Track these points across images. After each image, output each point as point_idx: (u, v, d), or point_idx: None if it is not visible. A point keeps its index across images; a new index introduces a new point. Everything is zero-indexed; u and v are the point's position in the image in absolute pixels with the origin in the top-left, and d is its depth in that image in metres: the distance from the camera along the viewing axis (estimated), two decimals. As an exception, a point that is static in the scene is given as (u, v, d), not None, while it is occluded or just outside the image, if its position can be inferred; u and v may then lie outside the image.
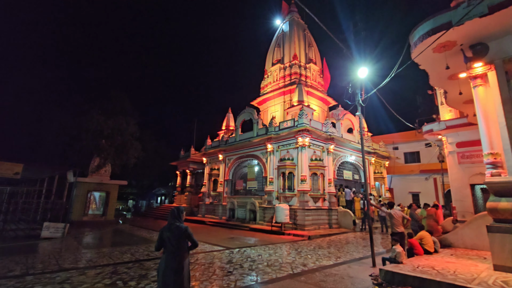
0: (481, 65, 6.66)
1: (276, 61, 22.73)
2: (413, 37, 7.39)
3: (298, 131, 15.57)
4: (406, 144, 26.41)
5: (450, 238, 8.81)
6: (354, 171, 19.76)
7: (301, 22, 24.12)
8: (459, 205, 13.73)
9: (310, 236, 12.25)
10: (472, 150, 13.10)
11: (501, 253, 5.64)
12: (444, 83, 8.99)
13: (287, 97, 20.87)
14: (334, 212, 15.69)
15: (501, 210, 5.77)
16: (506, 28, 6.25)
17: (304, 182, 14.98)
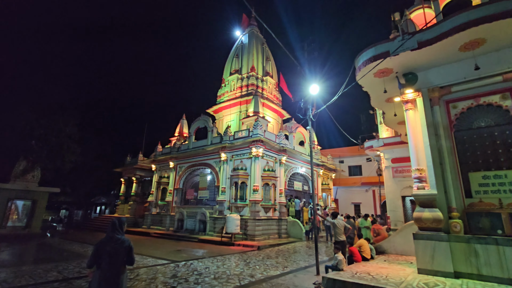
0: (411, 91, 7.63)
1: (234, 71, 22.95)
2: (358, 61, 8.16)
3: (253, 142, 15.78)
4: (350, 158, 28.66)
5: (384, 245, 9.67)
6: (304, 182, 20.65)
7: (260, 36, 24.93)
8: (392, 214, 15.24)
9: (260, 246, 12.30)
10: (404, 165, 14.78)
11: (424, 257, 6.37)
12: (382, 104, 10.05)
13: (243, 107, 21.11)
14: (283, 222, 16.08)
15: (424, 220, 6.54)
16: (431, 61, 7.30)
17: (256, 192, 15.11)
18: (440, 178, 6.81)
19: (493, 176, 6.34)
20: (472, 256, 5.98)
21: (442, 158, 6.94)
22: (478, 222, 6.29)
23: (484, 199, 6.35)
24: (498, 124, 6.58)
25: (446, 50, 6.79)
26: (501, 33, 6.10)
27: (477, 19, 5.99)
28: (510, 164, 6.24)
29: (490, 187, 6.34)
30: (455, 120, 7.12)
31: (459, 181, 6.71)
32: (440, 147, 7.03)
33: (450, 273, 5.98)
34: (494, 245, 5.81)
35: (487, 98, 6.77)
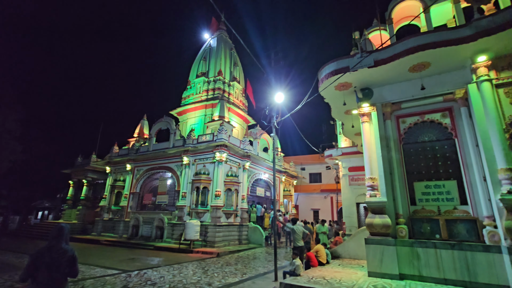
0: (367, 105, 8.20)
1: (201, 74, 22.60)
2: (321, 74, 8.56)
3: (217, 146, 15.58)
4: (311, 166, 29.79)
5: (339, 250, 10.13)
6: (266, 188, 20.88)
7: (229, 41, 24.98)
8: (347, 220, 16.09)
9: (219, 253, 12.07)
10: (359, 174, 15.78)
11: (374, 261, 6.79)
12: (341, 116, 10.64)
13: (208, 111, 20.81)
14: (244, 228, 16.03)
15: (375, 225, 7.00)
16: (385, 79, 7.95)
17: (219, 198, 14.88)
18: (390, 186, 7.38)
19: (433, 186, 7.05)
20: (415, 258, 6.53)
21: (392, 168, 7.54)
22: (420, 228, 6.91)
23: (426, 206, 7.01)
24: (438, 139, 7.36)
25: (398, 69, 7.46)
26: (442, 58, 6.88)
27: (424, 44, 6.69)
28: (447, 175, 7.00)
29: (431, 195, 7.03)
30: (403, 134, 7.80)
31: (406, 189, 7.34)
32: (390, 158, 7.64)
33: (396, 275, 6.46)
34: (432, 248, 6.42)
35: (430, 115, 7.54)
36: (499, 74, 6.57)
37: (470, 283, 5.90)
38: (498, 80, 6.51)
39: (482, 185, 6.36)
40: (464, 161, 6.82)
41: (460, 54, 6.69)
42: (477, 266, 5.92)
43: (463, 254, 6.11)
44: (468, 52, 6.58)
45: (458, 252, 6.16)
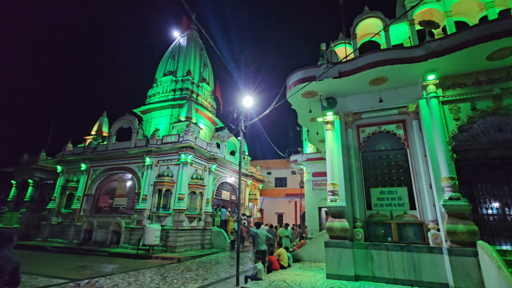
0: (331, 114, 8.59)
1: (169, 73, 21.87)
2: (289, 81, 8.79)
3: (182, 148, 15.14)
4: (277, 170, 30.29)
5: (300, 253, 10.38)
6: (232, 191, 20.75)
7: (200, 41, 24.56)
8: (310, 224, 16.59)
9: (180, 258, 11.66)
10: (322, 179, 16.38)
11: (332, 263, 7.07)
12: (307, 123, 11.01)
13: (175, 111, 20.16)
14: (208, 232, 15.71)
15: (335, 229, 7.31)
16: (348, 90, 8.40)
17: (182, 201, 14.41)
18: (349, 192, 7.77)
19: (387, 192, 7.57)
20: (369, 260, 6.93)
21: (352, 175, 7.96)
22: (375, 231, 7.37)
23: (380, 211, 7.50)
24: (393, 149, 7.95)
25: (360, 82, 7.94)
26: (398, 74, 7.48)
27: (382, 60, 7.22)
28: (400, 182, 7.58)
29: (385, 201, 7.54)
30: (363, 143, 8.30)
31: (363, 195, 7.78)
32: (350, 165, 8.06)
33: (351, 277, 6.78)
34: (385, 250, 6.87)
35: (386, 126, 8.13)
36: (445, 92, 7.32)
37: (416, 282, 6.41)
38: (444, 98, 7.25)
39: (428, 192, 6.99)
40: (414, 169, 7.44)
41: (413, 72, 7.33)
42: (422, 266, 6.47)
43: (410, 255, 6.63)
44: (420, 70, 7.24)
45: (407, 254, 6.67)
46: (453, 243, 6.07)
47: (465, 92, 7.13)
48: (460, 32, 6.73)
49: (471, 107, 6.96)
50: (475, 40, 6.30)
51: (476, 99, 6.98)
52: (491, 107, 6.81)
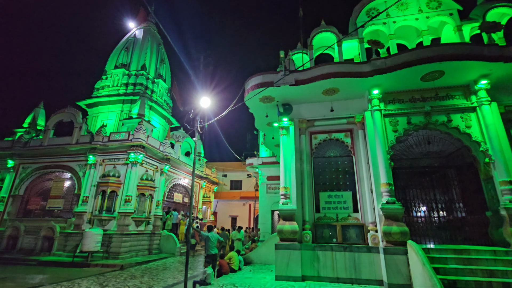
0: (286, 120, 8.87)
1: (121, 65, 20.36)
2: (247, 84, 8.87)
3: (132, 146, 14.16)
4: (233, 173, 30.21)
5: (251, 256, 10.44)
6: (185, 194, 20.05)
7: (157, 36, 23.41)
8: (263, 227, 16.84)
9: (124, 265, 10.82)
10: (276, 183, 16.80)
11: (281, 265, 7.25)
12: (264, 127, 11.20)
13: (126, 107, 18.82)
14: (157, 236, 14.90)
15: (285, 231, 7.52)
16: (303, 97, 8.78)
17: (129, 204, 13.43)
18: (300, 195, 8.09)
19: (334, 196, 8.07)
20: (315, 261, 7.27)
21: (303, 179, 8.31)
22: (322, 233, 7.77)
23: (327, 214, 7.94)
24: (341, 156, 8.51)
25: (314, 91, 8.36)
26: (348, 87, 8.07)
27: (335, 72, 7.72)
28: (345, 187, 8.13)
29: (332, 204, 8.01)
30: (314, 149, 8.73)
31: (313, 198, 8.17)
32: (302, 170, 8.41)
33: (299, 277, 7.03)
34: (330, 251, 7.29)
35: (336, 134, 8.68)
36: (386, 106, 8.10)
37: (356, 279, 6.92)
38: (386, 111, 8.02)
39: (369, 196, 7.62)
40: (358, 175, 8.06)
41: (361, 86, 7.98)
42: (362, 265, 7.00)
43: (352, 255, 7.14)
44: (366, 84, 7.91)
45: (349, 254, 7.17)
46: (388, 243, 6.70)
47: (402, 107, 7.99)
48: (400, 53, 7.54)
49: (407, 121, 7.82)
50: (412, 62, 7.12)
51: (411, 114, 7.86)
52: (423, 122, 7.73)
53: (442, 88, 7.83)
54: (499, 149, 6.89)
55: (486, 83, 7.36)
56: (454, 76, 7.40)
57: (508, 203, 6.41)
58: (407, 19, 9.13)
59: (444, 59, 6.85)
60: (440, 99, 7.82)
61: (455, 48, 7.02)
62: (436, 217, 8.51)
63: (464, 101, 7.67)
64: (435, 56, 6.93)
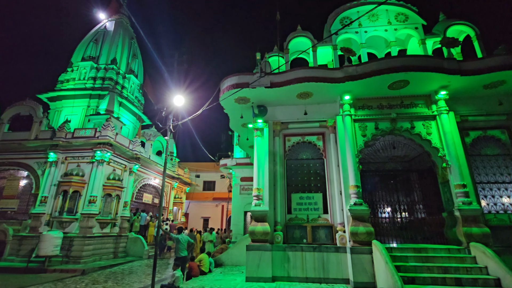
0: (261, 121, 8.91)
1: (89, 58, 19.21)
2: (223, 84, 8.79)
3: (99, 144, 13.40)
4: (206, 174, 29.76)
5: (222, 257, 10.33)
6: (155, 194, 19.36)
7: (130, 29, 22.43)
8: (235, 228, 16.75)
9: (86, 270, 10.17)
10: (249, 184, 16.80)
11: (252, 266, 7.25)
12: (238, 128, 11.16)
13: (93, 102, 17.76)
14: (123, 239, 14.21)
15: (257, 233, 7.53)
16: (278, 100, 8.88)
17: (93, 205, 12.68)
18: (273, 197, 8.16)
19: (306, 197, 8.24)
20: (286, 261, 7.37)
21: (276, 180, 8.39)
22: (293, 234, 7.89)
23: (298, 215, 8.08)
24: (313, 158, 8.72)
25: (289, 94, 8.49)
26: (321, 91, 8.30)
27: (309, 76, 7.91)
28: (316, 189, 8.34)
29: (303, 205, 8.17)
30: (288, 151, 8.86)
31: (285, 200, 8.27)
32: (275, 171, 8.49)
33: (269, 278, 7.07)
34: (300, 251, 7.42)
35: (309, 137, 8.88)
36: (356, 111, 8.45)
37: (324, 279, 7.11)
38: (356, 116, 8.36)
39: (339, 198, 7.89)
40: (329, 177, 8.31)
41: (333, 91, 8.25)
42: (330, 264, 7.22)
43: (321, 255, 7.33)
44: (338, 90, 8.20)
45: (318, 254, 7.35)
46: (354, 242, 6.97)
47: (371, 114, 8.39)
48: (370, 62, 7.92)
49: (375, 127, 8.22)
50: (380, 71, 7.51)
51: (379, 120, 8.28)
52: (389, 128, 8.17)
53: (407, 97, 8.34)
54: (455, 155, 7.48)
55: (445, 94, 7.96)
56: (418, 86, 7.92)
57: (461, 204, 6.97)
58: (377, 29, 9.62)
59: (409, 69, 7.31)
60: (405, 106, 8.32)
61: (419, 60, 7.52)
62: (399, 218, 9.02)
63: (426, 110, 8.24)
64: (401, 66, 7.37)
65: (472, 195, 7.18)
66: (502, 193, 7.71)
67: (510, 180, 7.78)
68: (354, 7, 9.74)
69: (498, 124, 8.19)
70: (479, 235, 6.58)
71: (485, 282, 5.68)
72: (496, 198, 7.67)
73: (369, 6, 9.29)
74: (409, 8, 9.56)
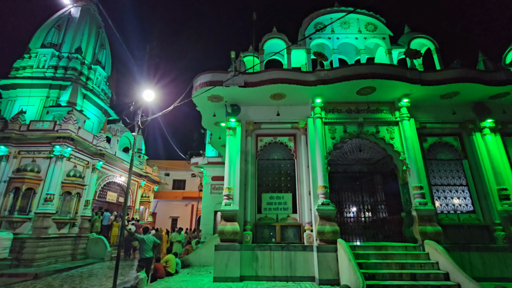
0: (234, 120, 8.86)
1: (50, 45, 17.75)
2: (196, 81, 8.61)
3: (59, 138, 12.44)
4: (176, 172, 28.96)
5: (190, 258, 10.11)
6: (120, 193, 18.43)
7: (98, 17, 21.11)
8: (204, 228, 16.47)
9: (39, 274, 9.39)
10: (221, 183, 16.62)
11: (220, 266, 7.17)
12: (211, 126, 11.00)
13: (54, 92, 16.44)
14: (83, 240, 13.33)
15: (226, 232, 7.47)
16: (252, 100, 8.89)
17: (50, 203, 11.73)
18: (243, 196, 8.15)
19: (276, 197, 8.34)
20: (254, 261, 7.39)
21: (247, 180, 8.39)
22: (262, 233, 7.94)
23: (268, 214, 8.16)
24: (284, 159, 8.86)
25: (262, 94, 8.54)
26: (294, 93, 8.46)
27: (283, 78, 8.02)
28: (286, 189, 8.48)
29: (273, 205, 8.26)
30: (260, 151, 8.90)
31: (255, 199, 8.30)
32: (247, 171, 8.49)
33: (237, 278, 7.05)
34: (268, 251, 7.49)
35: (281, 138, 9.01)
36: (327, 114, 8.73)
37: (291, 277, 7.25)
38: (326, 119, 8.64)
39: (307, 198, 8.09)
40: (299, 177, 8.49)
41: (305, 93, 8.45)
42: (297, 263, 7.37)
43: (289, 254, 7.46)
44: (310, 93, 8.41)
45: (286, 253, 7.47)
46: (321, 241, 7.19)
47: (340, 117, 8.72)
48: (341, 67, 8.24)
49: (344, 130, 8.55)
50: (350, 76, 7.83)
51: (347, 124, 8.63)
52: (356, 131, 8.55)
53: (373, 103, 8.79)
54: (414, 159, 8.03)
55: (407, 102, 8.52)
56: (383, 93, 8.39)
57: (418, 205, 7.50)
58: (349, 37, 10.02)
59: (376, 77, 7.72)
60: (371, 112, 8.77)
61: (385, 68, 7.97)
62: (363, 217, 9.48)
63: (389, 116, 8.75)
64: (369, 73, 7.75)
65: (427, 196, 7.76)
66: (453, 194, 8.43)
67: (460, 183, 8.53)
68: (327, 14, 10.06)
69: (452, 131, 8.94)
70: (432, 233, 7.13)
71: (436, 276, 6.16)
72: (448, 199, 8.37)
73: (342, 13, 9.65)
74: (378, 18, 10.09)
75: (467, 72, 8.11)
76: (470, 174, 8.48)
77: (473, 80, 7.98)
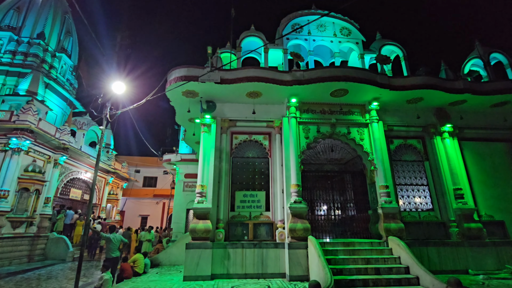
0: (209, 117, 8.73)
1: (7, 28, 16.25)
2: (171, 75, 8.34)
3: (15, 129, 11.45)
4: (147, 169, 27.92)
5: (160, 257, 9.81)
6: (85, 190, 17.39)
7: (65, 2, 19.69)
8: (175, 226, 16.08)
9: (-11, 277, 8.58)
10: (194, 181, 16.29)
11: (190, 265, 7.04)
12: (185, 122, 10.72)
13: (11, 80, 15.10)
14: (42, 239, 12.41)
15: (198, 230, 7.34)
16: (228, 97, 8.80)
17: (4, 200, 10.77)
18: (216, 194, 8.05)
19: (249, 195, 8.35)
20: (226, 259, 7.35)
21: (221, 177, 8.30)
22: (235, 231, 7.91)
23: (241, 212, 8.15)
24: (259, 157, 8.89)
25: (238, 92, 8.49)
26: (270, 92, 8.51)
27: (259, 76, 8.02)
28: (260, 187, 8.52)
29: (246, 203, 8.26)
30: (234, 149, 8.85)
31: (229, 197, 8.25)
32: (221, 168, 8.40)
33: (208, 276, 6.97)
34: (240, 248, 7.49)
35: (256, 136, 9.02)
36: (301, 114, 8.89)
37: (262, 274, 7.31)
38: (301, 119, 8.79)
39: (280, 196, 8.20)
40: (272, 176, 8.57)
41: (281, 93, 8.54)
42: (269, 260, 7.45)
43: (261, 251, 7.52)
44: (286, 92, 8.51)
45: (258, 250, 7.52)
46: (292, 238, 7.33)
47: (314, 117, 8.92)
48: (316, 69, 8.43)
49: (317, 130, 8.76)
50: (324, 78, 8.04)
51: (321, 124, 8.86)
52: (329, 132, 8.81)
53: (345, 105, 9.11)
54: (381, 160, 8.45)
55: (376, 105, 8.94)
56: (355, 95, 8.72)
57: (384, 203, 7.91)
58: (324, 40, 10.28)
59: (349, 79, 8.00)
60: (344, 113, 9.08)
61: (358, 72, 8.29)
62: (333, 215, 9.81)
63: (360, 118, 9.12)
64: (342, 76, 8.02)
65: (392, 195, 8.21)
66: (415, 193, 9.00)
67: (422, 183, 9.13)
68: (305, 15, 10.23)
69: (415, 134, 9.53)
70: (396, 230, 7.56)
71: (398, 270, 6.54)
72: (410, 198, 8.92)
73: (318, 16, 9.87)
74: (352, 24, 10.46)
75: (430, 79, 8.68)
76: (430, 175, 9.11)
77: (436, 87, 8.57)
